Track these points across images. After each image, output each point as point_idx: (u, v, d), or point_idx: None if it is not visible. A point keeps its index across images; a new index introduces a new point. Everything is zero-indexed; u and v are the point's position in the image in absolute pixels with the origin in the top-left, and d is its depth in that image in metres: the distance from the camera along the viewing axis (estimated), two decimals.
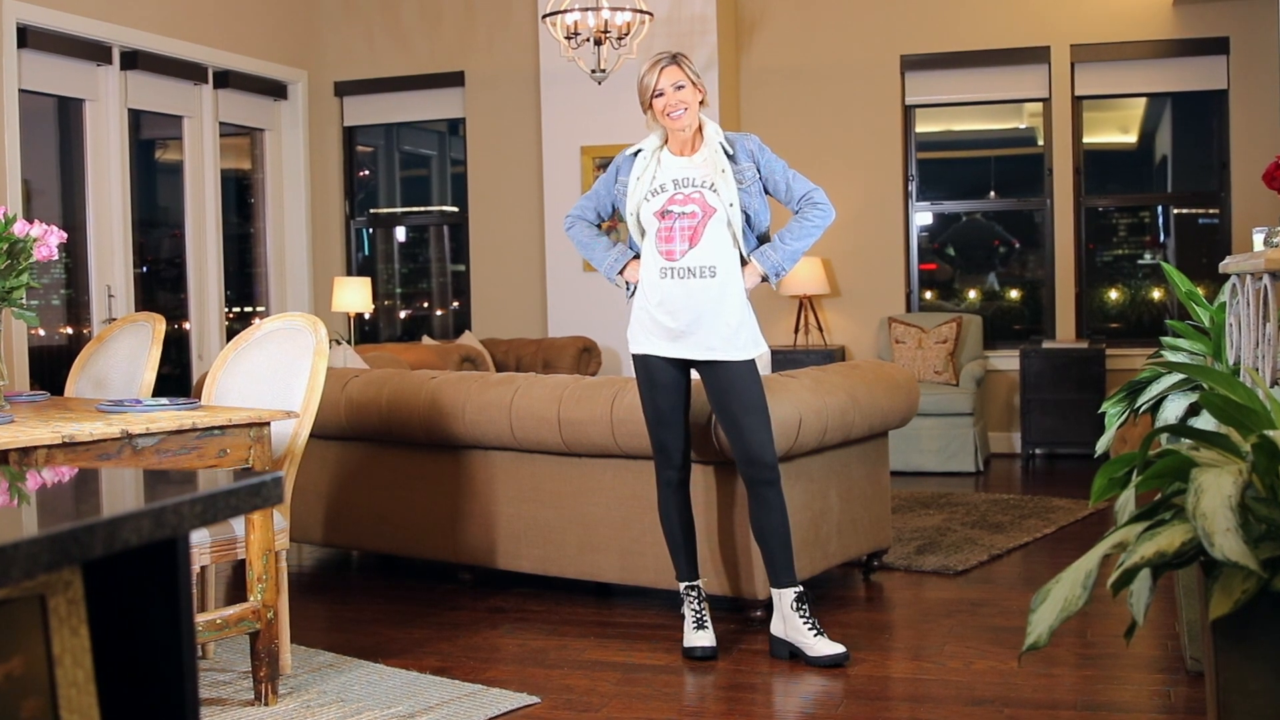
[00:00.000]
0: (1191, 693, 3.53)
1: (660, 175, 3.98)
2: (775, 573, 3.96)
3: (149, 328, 4.45)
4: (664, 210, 3.93)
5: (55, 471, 1.71)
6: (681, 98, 3.90)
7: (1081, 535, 5.73)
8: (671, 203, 3.93)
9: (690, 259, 3.89)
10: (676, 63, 3.92)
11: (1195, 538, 1.96)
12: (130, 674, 1.42)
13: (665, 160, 4.01)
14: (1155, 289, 8.52)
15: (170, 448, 3.33)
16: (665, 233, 3.92)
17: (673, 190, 3.94)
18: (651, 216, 3.95)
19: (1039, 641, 2.04)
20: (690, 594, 4.10)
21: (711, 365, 3.93)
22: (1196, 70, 8.07)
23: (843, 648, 3.90)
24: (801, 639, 3.92)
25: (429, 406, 4.84)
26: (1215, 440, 2.18)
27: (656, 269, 3.94)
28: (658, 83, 3.91)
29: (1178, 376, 3.32)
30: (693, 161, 3.98)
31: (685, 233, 3.90)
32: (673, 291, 3.91)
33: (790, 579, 3.95)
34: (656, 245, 3.94)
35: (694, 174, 3.94)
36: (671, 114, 3.91)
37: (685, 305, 3.89)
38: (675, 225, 3.91)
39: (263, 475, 1.48)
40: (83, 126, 7.39)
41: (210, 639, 3.57)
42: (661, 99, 3.91)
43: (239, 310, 8.96)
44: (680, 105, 3.90)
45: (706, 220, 3.89)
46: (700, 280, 3.89)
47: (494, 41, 9.01)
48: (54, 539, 1.17)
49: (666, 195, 3.94)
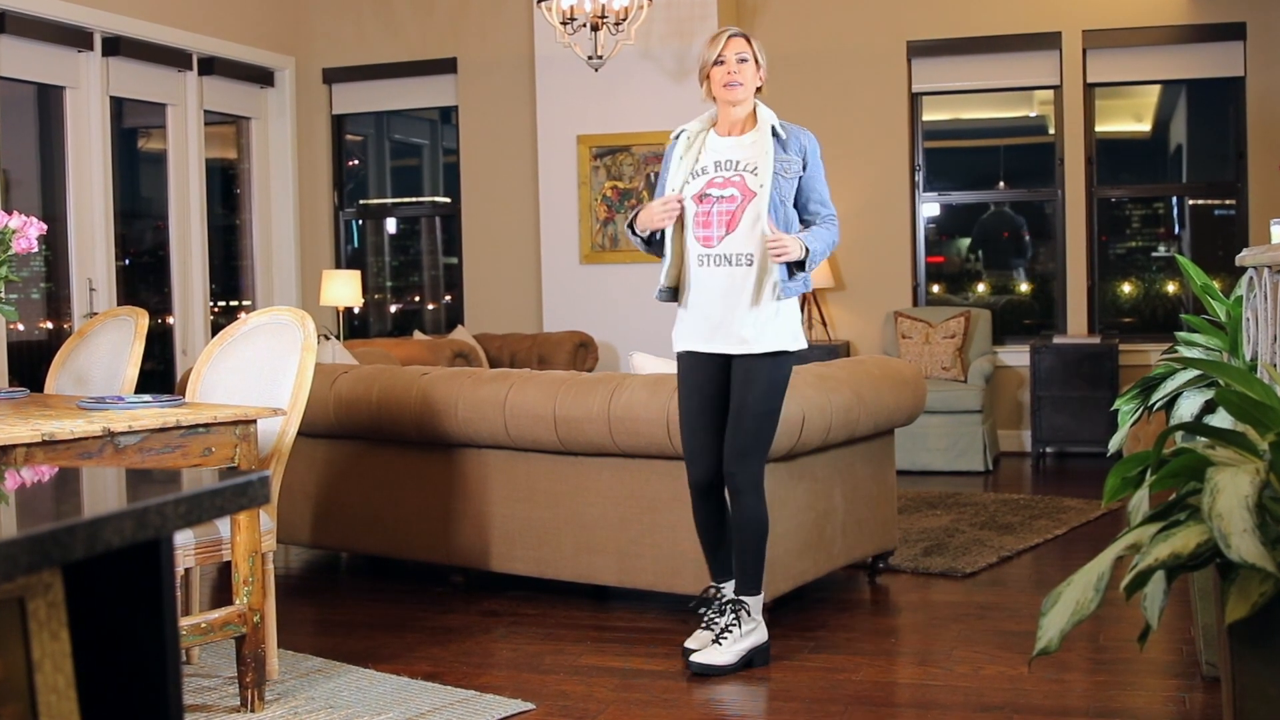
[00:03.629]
0: (1208, 699, 3.53)
1: (704, 157, 3.94)
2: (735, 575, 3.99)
3: (131, 322, 4.45)
4: (702, 194, 3.89)
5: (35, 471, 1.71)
6: (742, 69, 3.88)
7: (1094, 536, 5.73)
8: (710, 186, 3.89)
9: (727, 245, 3.85)
10: (744, 36, 3.92)
11: (1211, 539, 1.96)
12: (112, 680, 1.42)
13: (711, 141, 3.98)
14: (1170, 282, 8.52)
15: (153, 446, 3.33)
16: (703, 218, 3.88)
17: (714, 173, 3.90)
18: (690, 200, 3.91)
19: (1050, 646, 2.04)
20: (709, 591, 4.10)
21: (739, 359, 3.90)
22: (1212, 57, 8.07)
23: (725, 662, 3.87)
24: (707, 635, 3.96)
25: (420, 404, 4.84)
26: (1232, 438, 2.18)
27: (694, 256, 3.91)
28: (722, 50, 3.89)
29: (1193, 373, 3.32)
30: (740, 142, 3.94)
31: (723, 218, 3.85)
32: (708, 280, 3.88)
33: (738, 587, 3.96)
34: (694, 231, 3.90)
35: (739, 155, 3.90)
36: (729, 84, 3.88)
37: (719, 294, 3.85)
38: (713, 210, 3.87)
39: (249, 475, 1.47)
40: (63, 115, 7.38)
41: (195, 643, 3.57)
42: (722, 68, 3.88)
43: (224, 304, 8.96)
44: (739, 78, 3.88)
45: (745, 204, 3.84)
46: (736, 269, 3.85)
47: (487, 27, 9.01)
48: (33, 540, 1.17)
49: (706, 178, 3.90)
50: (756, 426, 3.87)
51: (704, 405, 3.95)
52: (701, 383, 3.94)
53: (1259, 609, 1.95)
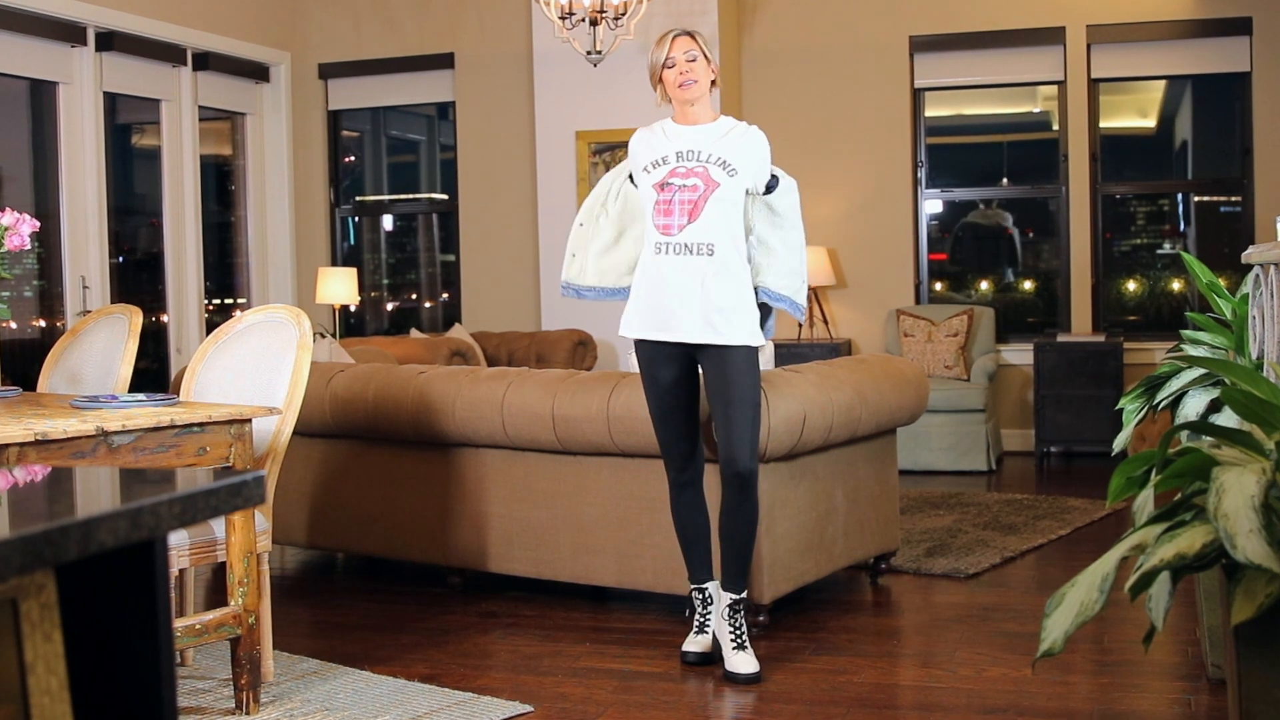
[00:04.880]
0: (1213, 701, 3.53)
1: (663, 146, 3.95)
2: (725, 574, 3.97)
3: (125, 320, 4.44)
4: (664, 183, 3.90)
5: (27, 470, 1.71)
6: (693, 68, 3.89)
7: (1098, 537, 5.73)
8: (673, 175, 3.89)
9: (688, 235, 3.84)
10: (689, 34, 3.92)
11: (1217, 539, 1.96)
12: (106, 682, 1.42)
13: (670, 130, 3.99)
14: (1175, 280, 8.52)
15: (147, 445, 3.33)
16: (664, 206, 3.88)
17: (675, 163, 3.90)
18: (650, 189, 3.91)
19: (1054, 648, 2.04)
20: (695, 597, 4.10)
21: (708, 350, 3.90)
22: (1218, 52, 8.07)
23: (756, 667, 3.87)
24: (723, 646, 3.95)
25: (417, 403, 4.84)
26: (1237, 438, 2.18)
27: (652, 244, 3.91)
28: (670, 51, 3.90)
29: (1198, 371, 3.32)
30: (700, 131, 3.94)
31: (685, 207, 3.86)
32: (665, 266, 3.87)
33: (734, 586, 3.95)
34: (654, 219, 3.90)
35: (701, 146, 3.91)
36: (683, 84, 3.89)
37: (676, 281, 3.85)
38: (675, 199, 3.86)
39: (244, 474, 1.47)
40: (56, 110, 7.38)
41: (189, 645, 3.57)
42: (673, 70, 3.90)
43: (219, 302, 8.95)
44: (692, 75, 3.89)
45: (709, 194, 3.85)
46: (697, 258, 3.85)
47: (485, 22, 9.00)
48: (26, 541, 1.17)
49: (668, 168, 3.90)
50: (753, 416, 3.89)
51: (677, 399, 3.98)
52: (662, 372, 3.97)
53: (1265, 610, 1.95)
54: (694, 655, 4.01)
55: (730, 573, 3.95)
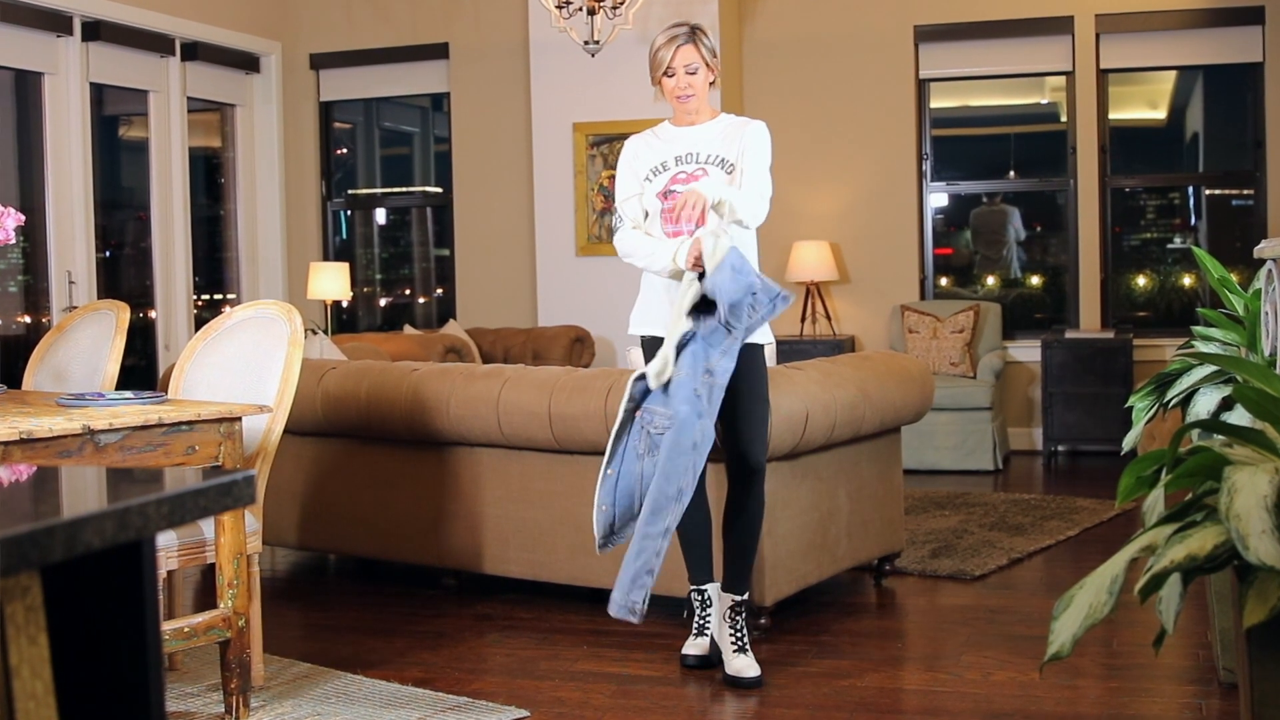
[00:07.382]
0: (1225, 705, 3.54)
1: (662, 151, 3.98)
2: (726, 574, 3.98)
3: (112, 316, 4.44)
4: (667, 190, 3.93)
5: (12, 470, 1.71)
6: (693, 82, 3.91)
7: (1107, 538, 5.74)
8: (675, 181, 3.92)
9: None
10: (693, 41, 3.91)
11: (1228, 540, 1.96)
12: (92, 686, 1.42)
13: (666, 132, 4.02)
14: (1186, 275, 8.52)
15: (135, 444, 3.33)
16: (670, 214, 3.90)
17: (675, 168, 3.94)
18: (654, 198, 3.95)
19: (1062, 651, 2.04)
20: (694, 598, 4.10)
21: None
22: (1229, 42, 8.07)
23: (758, 671, 3.87)
24: (723, 649, 3.95)
25: (411, 401, 4.84)
26: (1250, 436, 2.18)
27: None
28: (671, 61, 3.91)
29: (1210, 368, 3.32)
30: (697, 131, 3.97)
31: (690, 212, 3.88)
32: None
33: (736, 587, 3.96)
34: (663, 226, 3.93)
35: (699, 147, 3.94)
36: (680, 97, 3.93)
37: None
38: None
39: (234, 474, 1.47)
40: (41, 102, 7.38)
41: (178, 648, 3.57)
42: (672, 79, 3.92)
43: (208, 298, 8.95)
44: (690, 90, 3.91)
45: None
46: None
47: (480, 11, 9.00)
48: (10, 541, 1.16)
49: (669, 174, 3.94)
50: (765, 414, 3.95)
51: None
52: None
53: (1278, 613, 1.95)
54: (694, 658, 4.02)
55: (732, 573, 3.96)
